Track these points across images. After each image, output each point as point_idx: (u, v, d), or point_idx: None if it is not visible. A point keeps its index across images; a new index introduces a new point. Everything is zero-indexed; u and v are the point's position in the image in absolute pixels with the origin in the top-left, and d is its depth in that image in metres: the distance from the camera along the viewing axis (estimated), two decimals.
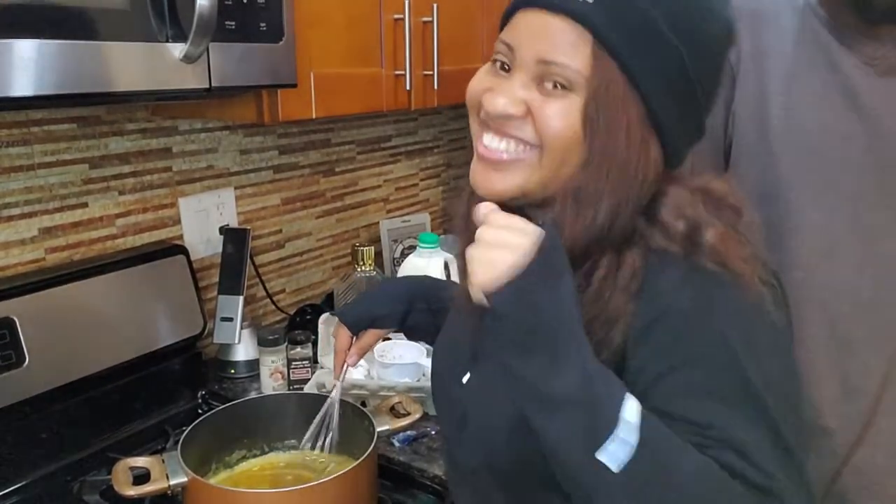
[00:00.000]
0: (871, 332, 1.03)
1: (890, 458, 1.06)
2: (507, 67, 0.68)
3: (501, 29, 0.70)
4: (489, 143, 0.69)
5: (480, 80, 0.71)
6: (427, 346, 1.32)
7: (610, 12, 0.62)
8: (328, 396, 1.01)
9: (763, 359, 0.64)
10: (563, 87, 0.65)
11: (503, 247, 0.60)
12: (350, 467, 0.94)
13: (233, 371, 1.44)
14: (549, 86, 0.65)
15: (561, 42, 0.64)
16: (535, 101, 0.66)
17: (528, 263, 0.58)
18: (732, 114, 1.08)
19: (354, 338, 1.01)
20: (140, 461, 0.97)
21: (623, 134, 0.64)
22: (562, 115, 0.65)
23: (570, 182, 0.66)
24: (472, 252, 0.61)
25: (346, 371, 1.01)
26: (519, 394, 0.61)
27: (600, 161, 0.64)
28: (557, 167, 0.66)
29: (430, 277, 1.07)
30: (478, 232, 0.62)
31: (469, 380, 0.79)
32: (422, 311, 0.98)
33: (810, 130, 1.01)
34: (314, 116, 1.22)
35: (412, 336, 1.04)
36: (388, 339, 1.39)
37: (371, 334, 1.01)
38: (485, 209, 0.64)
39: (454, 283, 0.92)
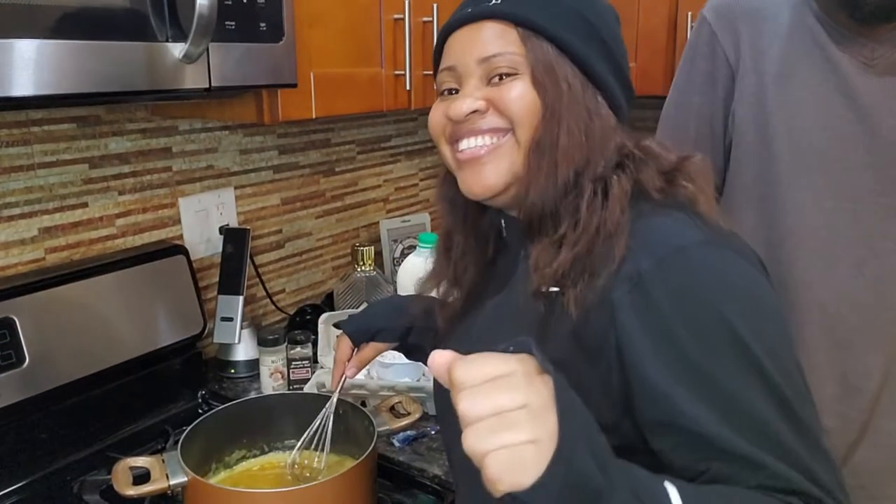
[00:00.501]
0: (869, 331, 1.03)
1: (889, 459, 1.07)
2: (455, 90, 0.75)
3: (436, 68, 0.78)
4: (466, 146, 0.74)
5: (436, 110, 0.78)
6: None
7: (516, 1, 0.71)
8: (325, 405, 1.01)
9: (766, 329, 0.64)
10: (508, 74, 0.71)
11: (511, 426, 0.47)
12: (350, 467, 0.94)
13: (233, 371, 1.44)
14: (497, 79, 0.72)
15: (491, 39, 0.72)
16: (492, 93, 0.72)
17: (553, 431, 0.47)
18: (732, 112, 1.08)
19: (356, 350, 1.01)
20: (140, 461, 0.97)
21: (565, 84, 0.70)
22: (518, 93, 0.71)
23: (529, 139, 0.71)
24: (473, 443, 0.47)
25: (343, 382, 1.01)
26: None
27: (552, 112, 0.70)
28: (529, 134, 0.71)
29: (436, 298, 1.07)
30: (458, 405, 0.48)
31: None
32: (425, 329, 0.98)
33: (809, 130, 1.01)
34: (314, 116, 1.22)
35: (412, 355, 1.04)
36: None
37: (371, 347, 1.01)
38: (441, 359, 0.50)
39: None
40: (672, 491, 0.54)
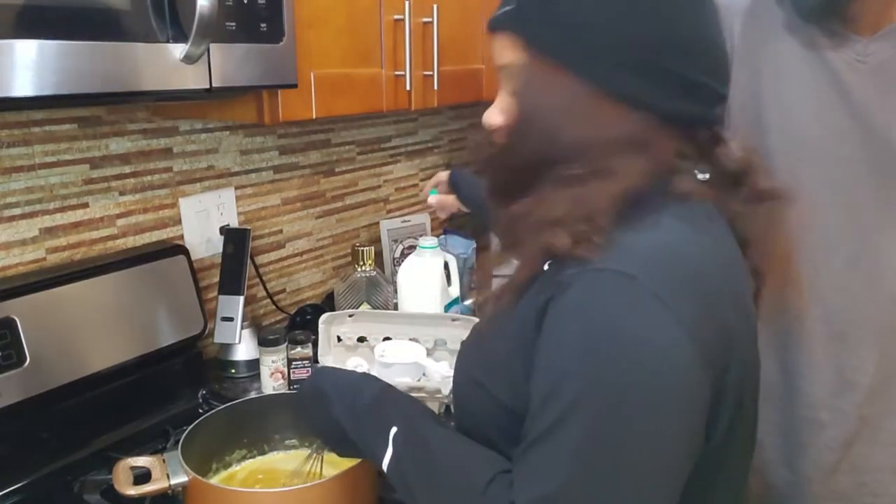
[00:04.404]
0: (864, 325, 1.04)
1: (889, 456, 1.07)
2: None
3: None
4: None
5: None
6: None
7: (528, 10, 0.70)
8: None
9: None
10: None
11: None
12: (350, 467, 0.95)
13: (233, 371, 1.44)
14: (510, 89, 0.74)
15: (501, 49, 0.73)
16: (510, 106, 0.74)
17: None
18: (727, 107, 1.09)
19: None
20: (141, 461, 0.97)
21: (540, 101, 0.71)
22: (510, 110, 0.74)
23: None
24: None
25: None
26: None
27: (523, 120, 0.72)
28: None
29: None
30: None
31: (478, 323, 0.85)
32: None
33: (804, 126, 1.02)
34: (314, 117, 1.22)
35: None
36: (388, 338, 1.39)
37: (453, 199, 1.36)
38: None
39: None
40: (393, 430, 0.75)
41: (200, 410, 1.30)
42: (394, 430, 0.76)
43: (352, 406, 0.82)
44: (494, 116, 0.75)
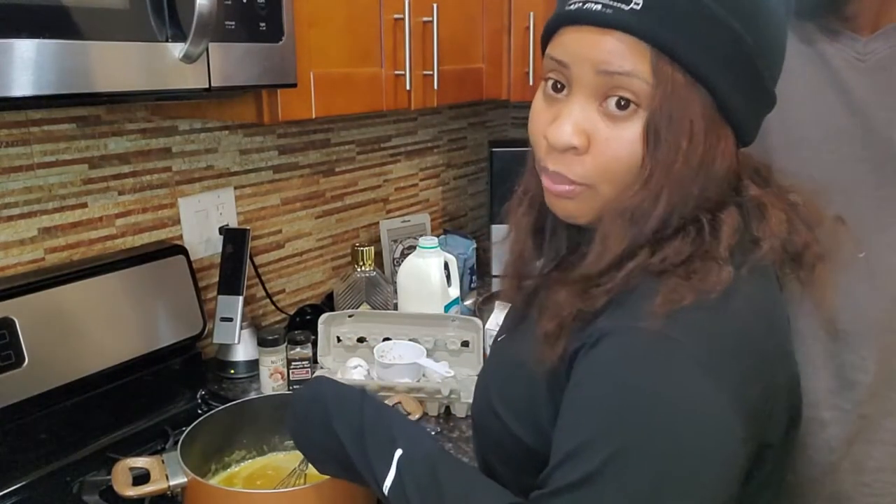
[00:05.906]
0: (864, 324, 1.04)
1: (890, 456, 1.07)
2: (560, 86, 0.65)
3: (544, 45, 0.68)
4: (549, 178, 0.68)
5: (540, 114, 0.68)
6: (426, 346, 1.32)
7: (659, 13, 0.59)
8: None
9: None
10: (628, 103, 0.61)
11: None
12: None
13: (233, 371, 1.44)
14: (613, 104, 0.62)
15: (618, 52, 0.60)
16: (599, 132, 0.63)
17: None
18: None
19: None
20: (140, 461, 0.97)
21: (685, 140, 0.61)
22: (629, 144, 0.62)
23: (623, 200, 0.63)
24: None
25: None
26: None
27: (659, 177, 0.61)
28: (617, 190, 0.64)
29: None
30: None
31: (502, 339, 0.83)
32: None
33: (803, 123, 1.02)
34: (314, 116, 1.22)
35: None
36: (388, 339, 1.39)
37: None
38: None
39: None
40: (398, 452, 0.71)
41: (200, 411, 1.30)
42: (399, 451, 0.72)
43: (356, 422, 0.77)
44: (570, 136, 0.63)
